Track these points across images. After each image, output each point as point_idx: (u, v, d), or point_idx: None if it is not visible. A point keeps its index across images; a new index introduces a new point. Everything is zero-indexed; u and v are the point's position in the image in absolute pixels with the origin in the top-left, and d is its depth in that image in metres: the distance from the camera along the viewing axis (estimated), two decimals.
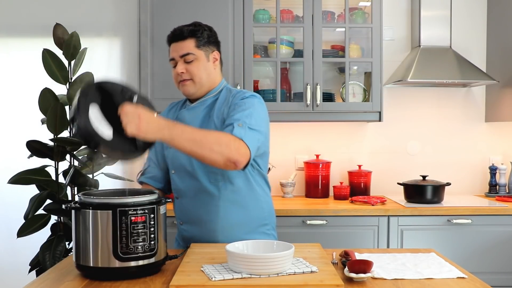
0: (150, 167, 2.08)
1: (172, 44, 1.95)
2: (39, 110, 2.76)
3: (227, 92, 1.99)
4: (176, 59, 1.94)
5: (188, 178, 1.94)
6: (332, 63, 3.37)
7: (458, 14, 3.45)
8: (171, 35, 1.96)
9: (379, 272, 1.57)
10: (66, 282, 1.53)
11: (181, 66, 1.92)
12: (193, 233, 1.97)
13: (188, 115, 1.98)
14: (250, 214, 1.97)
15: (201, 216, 1.95)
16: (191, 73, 1.92)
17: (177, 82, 1.96)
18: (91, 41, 3.31)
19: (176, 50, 1.93)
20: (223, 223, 1.94)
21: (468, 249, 2.90)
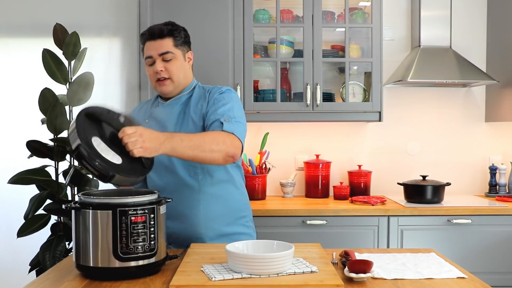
0: None
1: (150, 42, 1.97)
2: (39, 110, 2.76)
3: (200, 89, 2.06)
4: (154, 57, 1.96)
5: (167, 173, 1.95)
6: (332, 63, 3.37)
7: (458, 14, 3.45)
8: (148, 33, 1.98)
9: (379, 272, 1.57)
10: (66, 282, 1.53)
11: (160, 64, 1.95)
12: (174, 228, 1.96)
13: (163, 112, 2.01)
14: (230, 206, 2.02)
15: (182, 211, 1.96)
16: (170, 72, 1.97)
17: (154, 80, 1.98)
18: (91, 41, 3.31)
19: (155, 48, 1.95)
20: (204, 216, 1.96)
21: (468, 249, 2.90)
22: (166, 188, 1.96)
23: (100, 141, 1.56)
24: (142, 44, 2.01)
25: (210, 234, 1.97)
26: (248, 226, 2.10)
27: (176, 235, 1.97)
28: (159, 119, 2.00)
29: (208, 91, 2.02)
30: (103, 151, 1.55)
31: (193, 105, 1.99)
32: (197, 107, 1.98)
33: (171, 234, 1.97)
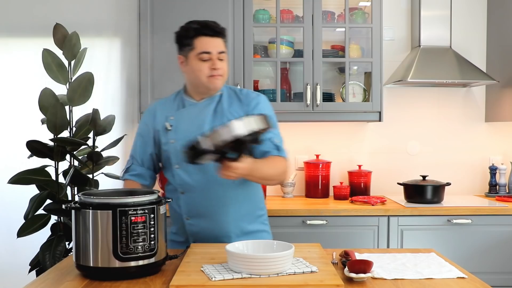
0: (134, 165, 2.10)
1: (207, 37, 1.94)
2: (39, 110, 2.76)
3: (228, 89, 2.06)
4: (212, 53, 1.93)
5: (198, 172, 1.94)
6: (332, 63, 3.37)
7: (458, 14, 3.45)
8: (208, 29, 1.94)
9: (379, 272, 1.57)
10: (66, 282, 1.53)
11: (219, 62, 1.94)
12: (201, 226, 1.97)
13: (194, 111, 2.00)
14: (253, 204, 2.05)
15: (212, 209, 1.96)
16: (224, 71, 1.97)
17: (208, 75, 1.95)
18: (91, 41, 3.31)
19: (214, 45, 1.94)
20: (233, 215, 1.98)
21: (468, 249, 2.90)
22: (196, 186, 1.96)
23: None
24: (192, 37, 1.94)
25: (237, 232, 1.99)
26: (266, 224, 2.13)
27: (202, 234, 1.97)
28: (190, 118, 1.99)
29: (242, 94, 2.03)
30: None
31: (227, 105, 2.00)
32: (232, 108, 1.99)
33: (197, 232, 1.98)
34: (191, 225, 2.00)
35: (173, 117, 2.02)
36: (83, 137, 2.86)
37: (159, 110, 2.08)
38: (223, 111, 1.99)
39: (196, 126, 1.97)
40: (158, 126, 2.04)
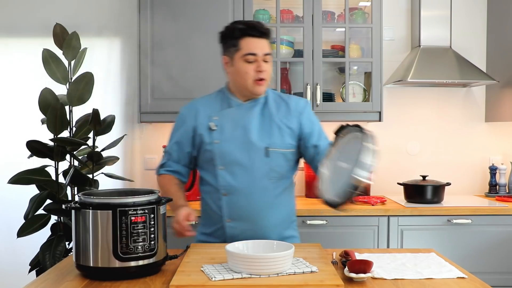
0: (170, 161, 2.05)
1: (254, 38, 1.90)
2: (39, 110, 2.76)
3: (273, 93, 2.05)
4: (258, 55, 1.90)
5: (244, 174, 1.93)
6: (332, 63, 3.37)
7: (458, 14, 3.45)
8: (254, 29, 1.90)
9: (379, 272, 1.57)
10: (66, 282, 1.53)
11: (264, 65, 1.92)
12: (242, 229, 1.95)
13: (240, 112, 1.97)
14: (289, 210, 2.07)
15: (254, 212, 1.95)
16: (268, 73, 1.94)
17: (254, 79, 1.92)
18: (91, 41, 3.31)
19: (261, 47, 1.91)
20: (274, 219, 1.98)
21: (468, 249, 2.90)
22: (240, 189, 1.94)
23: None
24: (238, 38, 1.91)
25: (275, 237, 1.97)
26: (296, 230, 2.13)
27: (241, 237, 1.89)
28: (235, 118, 1.96)
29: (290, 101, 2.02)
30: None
31: (274, 110, 1.99)
32: (280, 113, 1.99)
33: (237, 235, 1.94)
34: (231, 228, 1.97)
35: (217, 117, 1.98)
36: (83, 137, 2.86)
37: (201, 109, 2.01)
38: (271, 116, 1.98)
39: (242, 128, 1.95)
40: (200, 125, 1.98)
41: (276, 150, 1.95)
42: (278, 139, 1.95)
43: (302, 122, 2.00)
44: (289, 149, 1.98)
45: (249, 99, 1.99)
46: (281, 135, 1.96)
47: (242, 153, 1.93)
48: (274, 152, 1.94)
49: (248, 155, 1.93)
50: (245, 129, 1.95)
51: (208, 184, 2.00)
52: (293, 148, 1.99)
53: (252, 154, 1.93)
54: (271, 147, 1.94)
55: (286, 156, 1.97)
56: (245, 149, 1.94)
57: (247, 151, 1.93)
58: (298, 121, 1.99)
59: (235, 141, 1.95)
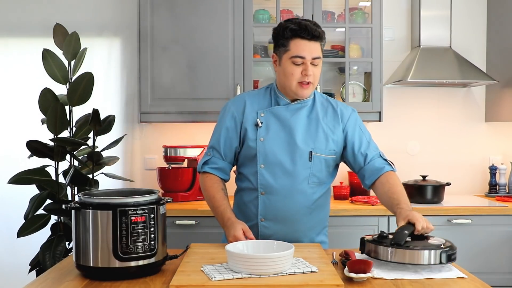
0: (215, 157, 2.00)
1: (304, 41, 1.85)
2: (39, 110, 2.76)
3: (321, 97, 2.03)
4: (306, 58, 1.86)
5: (284, 176, 1.92)
6: (332, 63, 3.37)
7: (458, 14, 3.45)
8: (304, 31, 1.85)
9: (379, 272, 1.57)
10: (66, 282, 1.53)
11: (311, 69, 1.87)
12: (275, 230, 1.95)
13: (288, 113, 1.95)
14: (323, 216, 2.06)
15: (290, 216, 1.94)
16: (315, 77, 1.90)
17: (297, 81, 1.89)
18: (91, 41, 3.31)
19: (310, 50, 1.86)
20: (307, 223, 1.98)
21: (468, 249, 2.90)
22: (279, 190, 1.93)
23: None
24: (288, 38, 1.86)
25: (306, 241, 1.98)
26: (327, 235, 2.13)
27: (273, 238, 1.89)
28: (281, 118, 1.94)
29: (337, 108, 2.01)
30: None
31: (321, 115, 1.97)
32: (326, 118, 1.97)
33: (269, 235, 1.94)
34: (264, 227, 1.96)
35: (264, 113, 1.95)
36: (83, 137, 2.86)
37: (249, 103, 1.98)
38: (318, 120, 1.96)
39: (288, 128, 1.94)
40: (246, 120, 1.95)
41: (319, 155, 1.94)
42: (323, 144, 1.94)
43: (348, 129, 1.98)
44: (331, 155, 1.97)
45: (296, 100, 1.97)
46: (326, 140, 1.95)
47: (286, 155, 1.92)
48: (317, 157, 1.94)
49: (291, 157, 1.92)
50: (291, 130, 1.93)
51: (247, 180, 1.98)
52: (335, 155, 1.98)
53: (295, 157, 1.92)
54: (315, 151, 1.94)
55: (327, 162, 1.96)
56: (289, 151, 1.92)
57: (290, 153, 1.92)
58: (344, 128, 1.98)
59: (280, 141, 1.93)
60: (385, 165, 1.96)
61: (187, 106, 3.09)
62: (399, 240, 1.59)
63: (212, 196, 1.96)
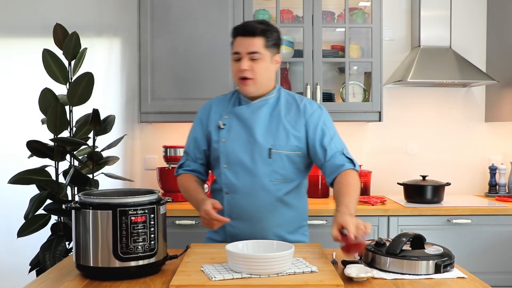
0: (188, 161, 2.07)
1: (240, 38, 1.93)
2: (39, 110, 2.76)
3: (287, 95, 2.04)
4: (241, 54, 1.92)
5: (246, 174, 1.93)
6: (332, 63, 3.37)
7: (458, 14, 3.45)
8: (241, 29, 1.94)
9: (379, 272, 1.57)
10: (66, 282, 1.53)
11: (247, 63, 1.91)
12: (241, 229, 1.96)
13: (248, 112, 1.98)
14: (297, 214, 2.04)
15: (254, 213, 1.95)
16: (254, 72, 1.93)
17: (238, 78, 1.95)
18: (91, 41, 3.31)
19: (245, 45, 1.92)
20: (276, 222, 1.97)
21: (468, 249, 2.90)
22: (241, 189, 1.95)
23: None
24: (233, 38, 1.96)
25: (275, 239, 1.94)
26: (305, 235, 2.11)
27: (240, 237, 1.91)
28: (242, 118, 1.98)
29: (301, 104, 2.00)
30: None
31: (284, 112, 1.98)
32: (289, 115, 1.98)
33: (236, 235, 1.96)
34: (231, 227, 1.98)
35: (227, 116, 2.00)
36: (83, 137, 2.86)
37: (214, 107, 2.06)
38: (279, 117, 1.97)
39: (248, 127, 1.96)
40: (211, 124, 2.02)
41: (280, 152, 1.94)
42: (283, 141, 1.94)
43: (310, 124, 1.97)
44: (294, 151, 1.96)
45: (257, 99, 1.99)
46: (286, 137, 1.95)
47: (246, 153, 1.94)
48: (277, 153, 1.94)
49: (251, 155, 1.94)
50: (251, 129, 1.95)
51: (215, 182, 2.05)
52: (299, 151, 1.97)
53: (255, 155, 1.93)
54: (275, 148, 1.94)
55: (291, 158, 1.95)
56: (249, 149, 1.94)
57: (250, 151, 1.94)
58: (306, 123, 1.97)
59: (241, 141, 1.95)
60: (345, 163, 1.93)
61: (187, 106, 3.09)
62: (394, 248, 1.59)
63: (186, 188, 2.02)
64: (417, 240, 1.65)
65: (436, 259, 1.56)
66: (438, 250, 1.62)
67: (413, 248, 1.63)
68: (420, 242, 1.65)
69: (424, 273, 1.55)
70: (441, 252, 1.60)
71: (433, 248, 1.63)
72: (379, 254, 1.61)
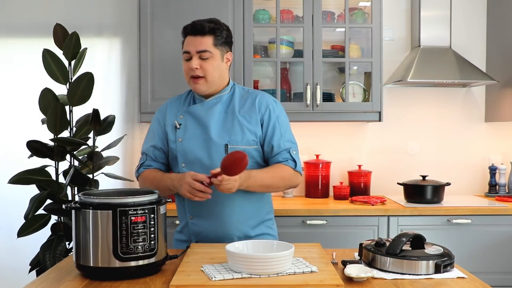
0: (148, 161, 2.07)
1: (190, 37, 1.95)
2: (39, 110, 2.76)
3: (241, 90, 2.06)
4: (191, 53, 1.94)
5: (203, 171, 1.91)
6: (332, 63, 3.37)
7: (458, 14, 3.45)
8: (190, 28, 1.95)
9: (379, 272, 1.57)
10: (66, 282, 1.53)
11: (196, 62, 1.93)
12: (204, 227, 1.97)
13: (202, 110, 2.00)
14: (259, 208, 2.04)
15: (215, 210, 1.96)
16: (204, 71, 1.94)
17: (189, 76, 1.97)
18: (91, 41, 3.31)
19: (194, 44, 1.93)
20: (237, 217, 1.97)
21: (468, 249, 2.90)
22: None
23: None
24: (183, 37, 1.98)
25: (239, 235, 1.98)
26: (272, 228, 2.11)
27: (204, 234, 1.96)
28: (197, 116, 1.99)
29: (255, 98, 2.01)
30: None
31: (238, 107, 1.99)
32: (243, 110, 1.99)
33: (199, 232, 1.98)
34: (194, 225, 1.99)
35: (182, 115, 2.02)
36: (83, 137, 2.86)
37: (170, 108, 2.08)
38: (234, 113, 1.98)
39: (204, 125, 1.97)
40: (167, 124, 2.04)
41: (236, 147, 1.94)
42: (239, 136, 1.96)
43: (264, 119, 1.99)
44: (251, 145, 1.96)
45: (211, 97, 2.01)
46: (241, 132, 1.96)
47: (203, 151, 1.95)
48: (234, 148, 1.93)
49: (207, 152, 1.95)
50: (207, 127, 1.97)
51: None
52: (255, 145, 1.98)
53: (212, 152, 1.94)
54: (231, 144, 1.95)
55: (248, 152, 1.91)
56: (206, 147, 1.95)
57: (207, 148, 1.95)
58: (261, 118, 1.99)
59: (197, 139, 1.97)
60: (288, 160, 1.97)
61: None
62: (394, 248, 1.59)
63: (153, 178, 2.00)
64: (417, 240, 1.65)
65: (436, 259, 1.56)
66: (438, 250, 1.62)
67: (413, 248, 1.63)
68: (420, 242, 1.65)
69: (424, 273, 1.55)
70: (441, 252, 1.60)
71: (433, 248, 1.63)
72: (379, 254, 1.61)
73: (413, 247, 1.63)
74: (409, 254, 1.58)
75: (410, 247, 1.63)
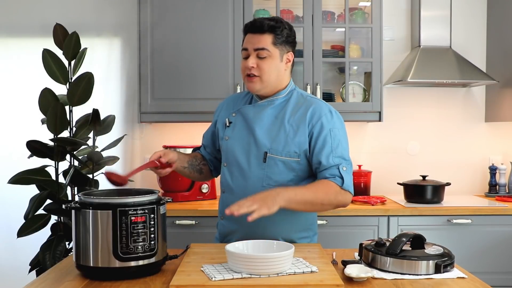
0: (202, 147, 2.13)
1: (249, 34, 1.87)
2: (39, 110, 2.76)
3: (299, 97, 1.93)
4: (249, 51, 1.85)
5: (240, 175, 1.89)
6: (332, 63, 3.37)
7: (458, 14, 3.45)
8: (250, 25, 1.87)
9: (379, 272, 1.57)
10: (66, 282, 1.53)
11: (253, 60, 1.84)
12: (231, 229, 1.94)
13: (253, 111, 1.92)
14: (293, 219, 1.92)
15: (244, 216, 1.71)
16: (261, 70, 1.85)
17: (244, 74, 1.88)
18: (91, 41, 3.31)
19: (252, 42, 1.85)
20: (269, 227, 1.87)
21: (468, 249, 2.90)
22: (235, 190, 1.91)
23: None
24: (244, 34, 1.90)
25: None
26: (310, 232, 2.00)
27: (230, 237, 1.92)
28: (247, 117, 1.92)
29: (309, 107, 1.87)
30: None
31: (289, 114, 1.87)
32: (293, 117, 1.86)
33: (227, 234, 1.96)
34: (222, 226, 1.97)
35: (235, 113, 1.96)
36: (83, 137, 2.86)
37: (227, 104, 2.03)
38: (283, 120, 1.87)
39: (250, 127, 1.90)
40: (220, 120, 2.01)
41: (275, 157, 1.85)
42: (280, 146, 1.85)
43: (314, 131, 1.84)
44: (291, 157, 1.85)
45: (265, 98, 1.92)
46: (285, 142, 1.85)
47: (243, 155, 1.90)
48: (272, 158, 1.85)
49: (247, 157, 1.89)
50: (252, 130, 1.89)
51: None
52: (297, 158, 1.85)
53: (251, 157, 1.88)
54: (271, 152, 1.85)
55: (287, 164, 1.85)
56: (247, 150, 1.89)
57: (247, 152, 1.89)
58: (310, 130, 1.85)
59: (241, 141, 1.91)
60: (336, 177, 1.81)
61: (187, 106, 3.10)
62: (395, 248, 1.59)
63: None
64: (417, 240, 1.65)
65: (436, 259, 1.56)
66: (438, 250, 1.62)
67: (413, 248, 1.63)
68: (420, 242, 1.65)
69: (424, 273, 1.55)
70: (441, 252, 1.60)
71: (433, 248, 1.63)
72: (379, 254, 1.60)
73: (413, 247, 1.63)
74: (409, 254, 1.58)
75: (410, 247, 1.63)
